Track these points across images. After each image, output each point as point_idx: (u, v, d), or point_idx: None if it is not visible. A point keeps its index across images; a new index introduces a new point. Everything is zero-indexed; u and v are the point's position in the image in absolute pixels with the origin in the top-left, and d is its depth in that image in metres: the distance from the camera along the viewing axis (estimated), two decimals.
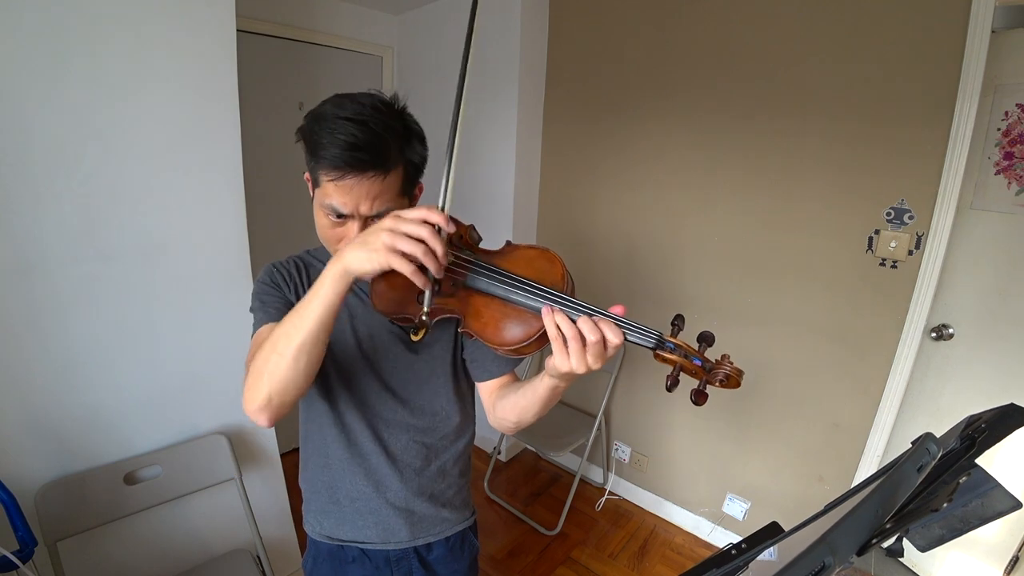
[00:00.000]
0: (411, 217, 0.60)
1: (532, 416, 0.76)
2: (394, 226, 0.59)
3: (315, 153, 0.68)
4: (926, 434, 0.42)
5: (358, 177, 0.67)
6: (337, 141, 0.65)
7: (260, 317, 0.78)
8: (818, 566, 0.32)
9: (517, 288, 0.66)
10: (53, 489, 1.16)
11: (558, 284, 0.66)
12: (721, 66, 1.80)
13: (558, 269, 0.68)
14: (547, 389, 0.69)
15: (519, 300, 0.65)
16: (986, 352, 1.56)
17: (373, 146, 0.67)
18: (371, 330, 0.82)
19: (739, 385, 0.59)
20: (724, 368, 0.58)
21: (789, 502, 1.88)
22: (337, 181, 0.67)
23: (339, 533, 0.88)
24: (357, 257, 0.60)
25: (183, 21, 1.23)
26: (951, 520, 0.49)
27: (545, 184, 2.40)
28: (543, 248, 0.71)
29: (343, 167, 0.66)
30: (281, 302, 0.79)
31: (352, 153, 0.66)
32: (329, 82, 2.33)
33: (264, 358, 0.65)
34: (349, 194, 0.68)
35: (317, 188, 0.71)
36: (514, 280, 0.67)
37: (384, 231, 0.59)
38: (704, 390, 0.60)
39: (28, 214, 1.09)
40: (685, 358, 0.60)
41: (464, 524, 0.96)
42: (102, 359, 1.24)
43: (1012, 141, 1.44)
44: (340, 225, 0.71)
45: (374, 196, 0.69)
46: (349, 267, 0.61)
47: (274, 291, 0.80)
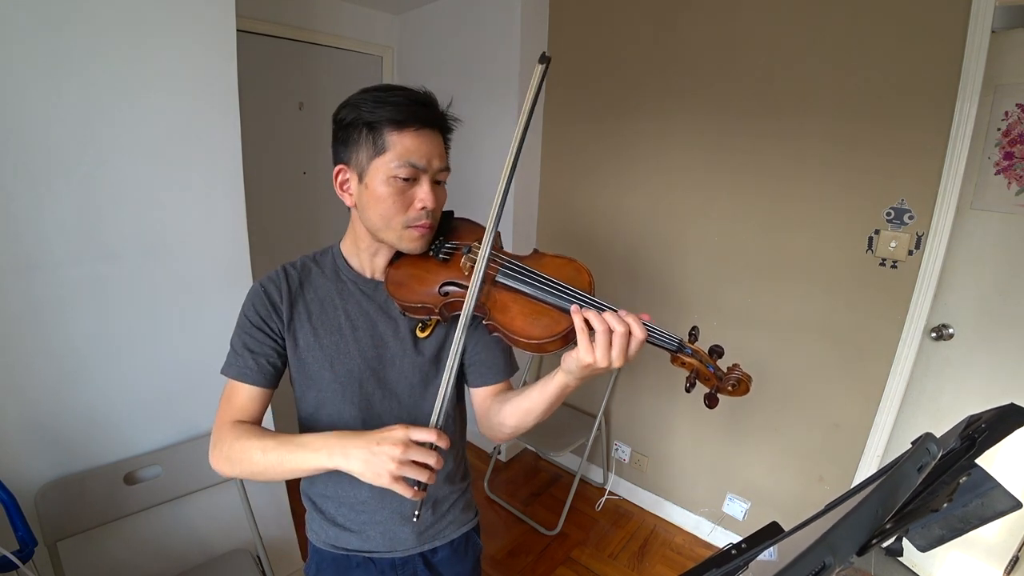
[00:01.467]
0: (422, 439, 0.62)
1: (534, 419, 0.76)
2: (403, 456, 0.61)
3: (377, 116, 0.70)
4: (926, 434, 0.42)
5: (429, 130, 0.73)
6: (403, 100, 0.70)
7: (231, 371, 0.78)
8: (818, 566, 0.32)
9: (546, 288, 0.69)
10: (53, 489, 1.16)
11: (586, 291, 0.70)
12: (721, 67, 1.80)
13: (585, 277, 0.72)
14: (558, 387, 0.69)
15: (547, 299, 0.69)
16: (986, 352, 1.56)
17: (434, 105, 0.74)
18: (375, 339, 0.82)
19: (749, 391, 0.64)
20: (735, 374, 0.64)
21: (789, 502, 1.88)
22: (415, 132, 0.71)
23: (344, 543, 0.87)
24: (360, 467, 0.62)
25: (183, 21, 1.23)
26: (951, 520, 0.49)
27: (545, 184, 2.40)
28: (571, 258, 0.76)
29: (416, 119, 0.71)
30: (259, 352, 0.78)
31: (422, 107, 0.72)
32: (329, 82, 2.32)
33: (239, 459, 0.71)
34: (425, 146, 0.72)
35: (381, 156, 0.72)
36: (544, 279, 0.70)
37: (394, 460, 0.60)
38: (716, 395, 0.65)
39: (28, 214, 1.09)
40: (701, 364, 0.65)
41: (468, 526, 0.96)
42: (102, 359, 1.24)
43: (1012, 141, 1.44)
44: (409, 188, 0.73)
45: (439, 152, 0.74)
46: (347, 467, 0.63)
47: (255, 334, 0.78)
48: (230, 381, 0.78)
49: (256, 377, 0.78)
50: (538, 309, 0.69)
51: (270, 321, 0.79)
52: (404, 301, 0.76)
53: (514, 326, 0.69)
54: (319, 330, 0.80)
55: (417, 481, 0.62)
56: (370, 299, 0.82)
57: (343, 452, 0.63)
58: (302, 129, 2.22)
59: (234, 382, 0.78)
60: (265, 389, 0.79)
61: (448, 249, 0.80)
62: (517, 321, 0.69)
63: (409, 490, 0.62)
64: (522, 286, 0.70)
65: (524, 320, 0.69)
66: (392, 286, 0.77)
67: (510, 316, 0.70)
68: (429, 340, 0.83)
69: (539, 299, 0.69)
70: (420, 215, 0.75)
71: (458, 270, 0.77)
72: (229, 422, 0.76)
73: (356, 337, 0.81)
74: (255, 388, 0.78)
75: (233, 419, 0.77)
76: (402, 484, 0.61)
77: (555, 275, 0.71)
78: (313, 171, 2.29)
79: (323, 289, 0.82)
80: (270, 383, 0.79)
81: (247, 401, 0.78)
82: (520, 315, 0.69)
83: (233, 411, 0.78)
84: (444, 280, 0.76)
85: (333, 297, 0.81)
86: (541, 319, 0.68)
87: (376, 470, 0.61)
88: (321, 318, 0.80)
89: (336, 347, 0.80)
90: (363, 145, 0.72)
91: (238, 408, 0.78)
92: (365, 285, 0.83)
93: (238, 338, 0.80)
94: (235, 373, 0.78)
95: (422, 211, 0.74)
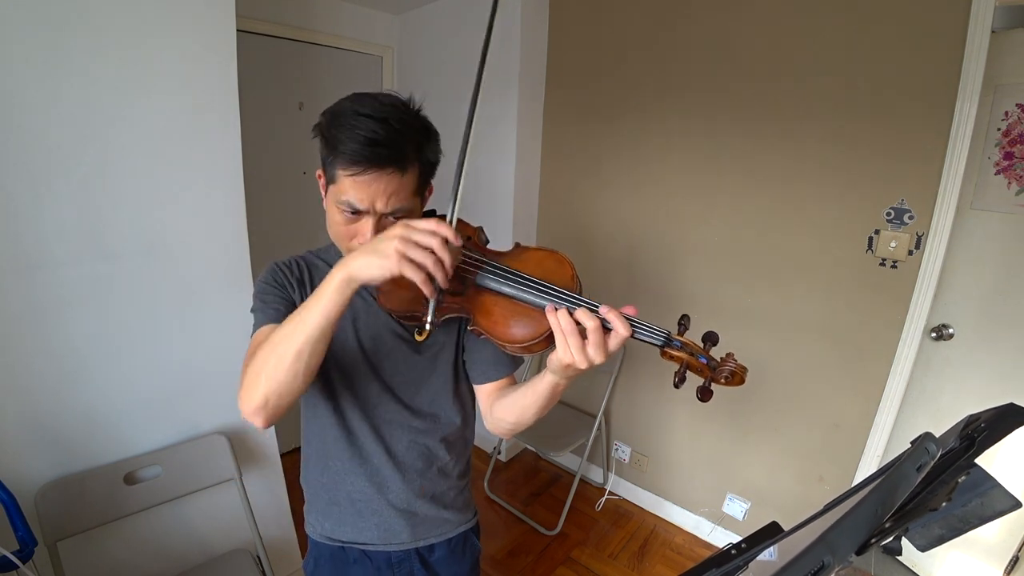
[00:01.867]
0: (422, 227, 0.60)
1: (531, 416, 0.76)
2: (406, 234, 0.59)
3: (334, 148, 0.68)
4: (925, 434, 0.42)
5: (377, 173, 0.67)
6: (357, 136, 0.66)
7: (260, 318, 0.77)
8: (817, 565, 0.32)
9: (526, 287, 0.67)
10: (53, 489, 1.16)
11: (568, 285, 0.67)
12: (722, 67, 1.80)
13: (567, 270, 0.69)
14: (548, 387, 0.69)
15: (528, 299, 0.66)
16: (986, 352, 1.56)
17: (393, 143, 0.67)
18: (374, 332, 0.82)
19: (743, 382, 0.60)
20: (729, 365, 0.60)
21: (789, 502, 1.88)
22: (356, 176, 0.67)
23: (340, 534, 0.88)
24: (367, 263, 0.60)
25: (183, 21, 1.23)
26: (950, 520, 0.49)
27: (545, 184, 2.40)
28: (552, 250, 0.72)
29: (362, 162, 0.66)
30: (283, 303, 0.78)
31: (372, 149, 0.66)
32: (329, 82, 2.33)
33: (263, 359, 0.65)
34: (367, 190, 0.68)
35: (332, 184, 0.71)
36: (524, 279, 0.67)
37: (396, 238, 0.59)
38: (710, 387, 0.61)
39: (28, 214, 1.09)
40: (692, 356, 0.61)
41: (466, 526, 0.96)
42: (102, 359, 1.24)
43: (1012, 141, 1.44)
44: (354, 222, 0.71)
45: (390, 193, 0.69)
46: (356, 274, 0.60)
47: (277, 291, 0.80)
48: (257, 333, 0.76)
49: (283, 319, 0.75)
50: (520, 310, 0.67)
51: (288, 286, 0.80)
52: (394, 311, 0.75)
53: (497, 330, 0.68)
54: None
55: (428, 274, 0.60)
56: (368, 292, 0.83)
57: (344, 265, 0.61)
58: (302, 129, 2.21)
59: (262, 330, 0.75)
60: None
61: None
62: (500, 325, 0.68)
63: (419, 274, 0.59)
64: (503, 287, 0.68)
65: (507, 323, 0.67)
66: (381, 296, 0.76)
67: (493, 320, 0.68)
68: (427, 341, 0.83)
69: (520, 299, 0.67)
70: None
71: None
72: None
73: (356, 328, 0.81)
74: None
75: None
76: (412, 267, 0.59)
77: (537, 269, 0.69)
78: (313, 171, 2.28)
79: None
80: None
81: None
82: (503, 318, 0.68)
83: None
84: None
85: None
86: (523, 320, 0.67)
87: (381, 256, 0.59)
88: None
89: (336, 339, 0.80)
90: (326, 162, 0.72)
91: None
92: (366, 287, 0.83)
93: (262, 297, 0.79)
94: (263, 318, 0.76)
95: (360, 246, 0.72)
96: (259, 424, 0.67)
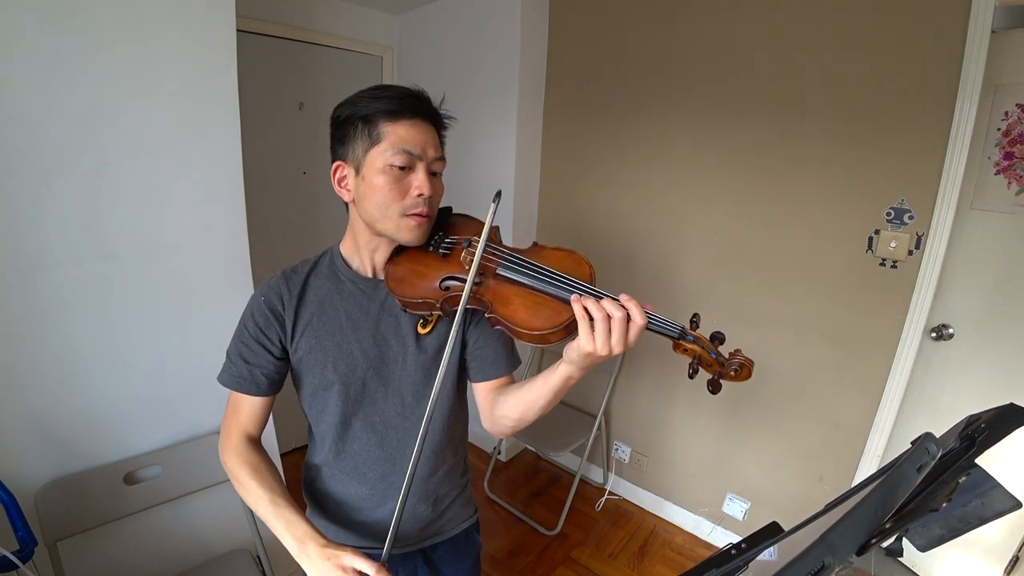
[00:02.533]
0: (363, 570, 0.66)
1: (536, 412, 0.76)
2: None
3: (372, 109, 0.73)
4: (926, 434, 0.42)
5: (422, 120, 0.74)
6: (398, 92, 0.73)
7: (232, 383, 0.81)
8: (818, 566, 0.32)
9: (548, 279, 0.70)
10: (53, 489, 1.16)
11: (587, 281, 0.71)
12: (721, 66, 1.80)
13: (585, 269, 0.73)
14: (561, 378, 0.70)
15: (548, 290, 0.69)
16: (986, 352, 1.56)
17: (428, 99, 0.76)
18: (377, 338, 0.82)
19: (751, 375, 0.64)
20: (737, 359, 0.65)
21: (789, 502, 1.88)
22: (407, 121, 0.73)
23: (344, 539, 0.88)
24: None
25: (183, 21, 1.23)
26: (951, 520, 0.49)
27: (545, 184, 2.40)
28: (571, 250, 0.76)
29: (409, 109, 0.73)
30: (256, 366, 0.80)
31: (415, 99, 0.74)
32: (329, 82, 2.32)
33: (239, 486, 0.80)
34: (420, 134, 0.74)
35: (376, 146, 0.73)
36: (545, 271, 0.70)
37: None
38: (719, 380, 0.65)
39: (28, 214, 1.09)
40: (704, 350, 0.65)
41: (468, 522, 0.96)
42: (102, 359, 1.24)
43: (1012, 141, 1.44)
44: (405, 176, 0.75)
45: (434, 142, 0.76)
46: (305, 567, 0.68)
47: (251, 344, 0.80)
48: (232, 396, 0.82)
49: (249, 387, 0.80)
50: (539, 301, 0.70)
51: (269, 331, 0.80)
52: (404, 297, 0.76)
53: (516, 318, 0.69)
54: (320, 331, 0.80)
55: None
56: (370, 298, 0.82)
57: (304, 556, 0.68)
58: (302, 129, 2.22)
59: (237, 400, 0.82)
60: (264, 398, 0.82)
61: (448, 244, 0.80)
62: (519, 313, 0.69)
63: None
64: (523, 278, 0.71)
65: (526, 312, 0.69)
66: (392, 282, 0.77)
67: (512, 308, 0.70)
68: (431, 337, 0.83)
69: (540, 291, 0.70)
70: (417, 202, 0.75)
71: (459, 264, 0.77)
72: (236, 435, 0.82)
73: (358, 336, 0.81)
74: (253, 398, 0.81)
75: (239, 426, 0.82)
76: None
77: (555, 267, 0.72)
78: (313, 171, 2.28)
79: (323, 290, 0.82)
80: (264, 392, 0.81)
81: (249, 410, 0.82)
82: (522, 307, 0.70)
83: (239, 418, 0.82)
84: (445, 275, 0.77)
85: (333, 298, 0.82)
86: (543, 310, 0.69)
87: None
88: (322, 319, 0.80)
89: (338, 347, 0.80)
90: (359, 138, 0.74)
91: (244, 416, 0.82)
92: (365, 285, 0.83)
93: (234, 347, 0.81)
94: (226, 380, 0.81)
95: (419, 198, 0.75)
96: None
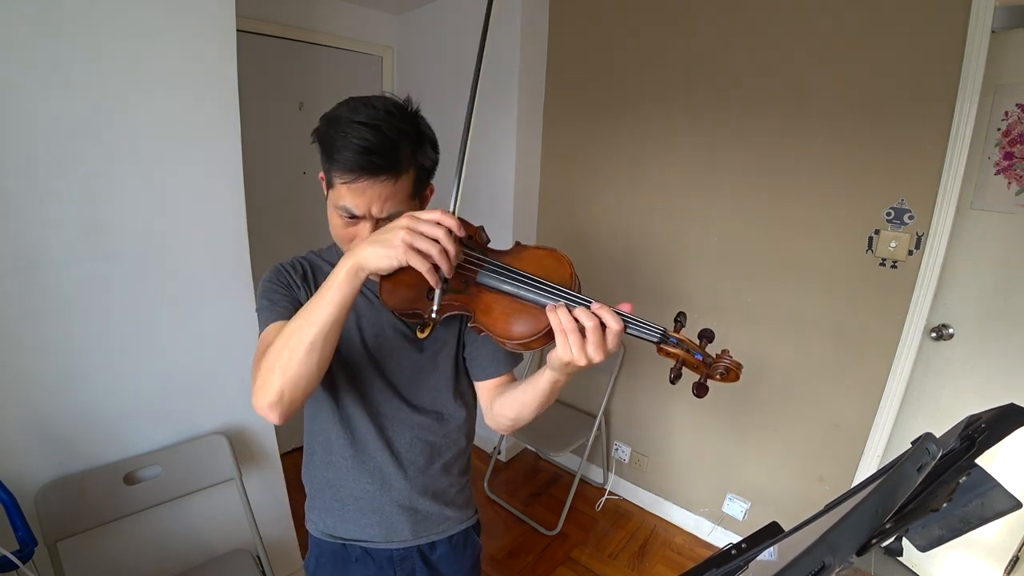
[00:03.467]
0: (427, 218, 0.62)
1: (531, 413, 0.76)
2: (411, 225, 0.61)
3: (330, 156, 0.70)
4: (926, 434, 0.42)
5: (370, 180, 0.69)
6: (351, 145, 0.67)
7: (267, 316, 0.78)
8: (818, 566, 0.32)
9: (526, 285, 0.68)
10: (53, 489, 1.16)
11: (567, 283, 0.68)
12: (721, 66, 1.80)
13: (566, 269, 0.70)
14: (547, 383, 0.70)
15: (528, 296, 0.68)
16: (986, 352, 1.56)
17: (386, 151, 0.68)
18: (376, 329, 0.83)
19: (738, 378, 0.62)
20: (724, 362, 0.61)
21: (789, 502, 1.88)
22: (350, 184, 0.69)
23: (342, 531, 0.89)
24: (374, 253, 0.61)
25: (183, 21, 1.23)
26: (951, 520, 0.49)
27: (545, 184, 2.40)
28: (552, 249, 0.74)
29: (356, 171, 0.68)
30: (290, 301, 0.79)
31: (366, 157, 0.67)
32: (329, 82, 2.33)
33: (276, 354, 0.65)
34: (362, 196, 0.70)
35: (331, 189, 0.73)
36: (523, 277, 0.69)
37: (402, 229, 0.60)
38: (705, 383, 0.63)
39: (28, 214, 1.09)
40: (687, 352, 0.62)
41: (467, 523, 0.96)
42: (102, 359, 1.24)
43: (1012, 141, 1.44)
44: (352, 225, 0.73)
45: (385, 198, 0.71)
46: (364, 263, 0.62)
47: (282, 290, 0.80)
48: (266, 331, 0.76)
49: (291, 316, 0.76)
50: (519, 308, 0.69)
51: (293, 287, 0.81)
52: (396, 308, 0.76)
53: (497, 328, 0.69)
54: None
55: (434, 264, 0.61)
56: (372, 291, 0.83)
57: (353, 254, 0.63)
58: (302, 129, 2.20)
59: (271, 328, 0.76)
60: None
61: None
62: (499, 322, 0.69)
63: (425, 263, 0.61)
64: (503, 285, 0.70)
65: (506, 320, 0.69)
66: (384, 294, 0.77)
67: (493, 318, 0.70)
68: (429, 339, 0.84)
69: (520, 297, 0.69)
70: None
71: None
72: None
73: (359, 325, 0.82)
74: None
75: None
76: (418, 257, 0.60)
77: (536, 268, 0.71)
78: (313, 171, 2.28)
79: None
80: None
81: None
82: (502, 316, 0.69)
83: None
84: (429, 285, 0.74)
85: None
86: (522, 318, 0.68)
87: (388, 246, 0.60)
88: None
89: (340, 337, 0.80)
90: (323, 165, 0.73)
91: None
92: (368, 281, 0.83)
93: (266, 298, 0.79)
94: (271, 316, 0.76)
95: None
96: (275, 420, 0.68)
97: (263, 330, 0.77)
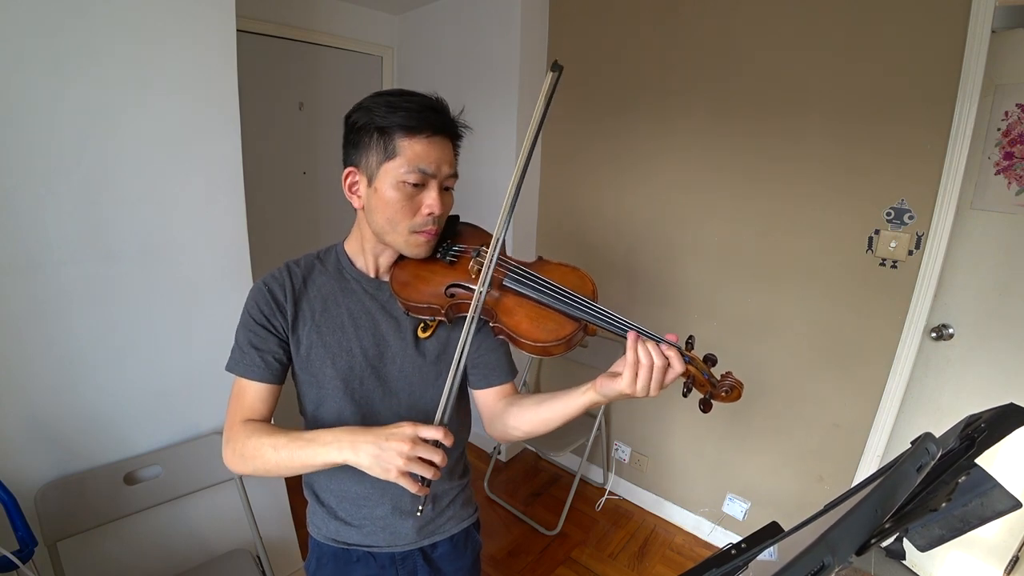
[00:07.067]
0: (429, 437, 0.64)
1: (549, 428, 0.77)
2: (411, 453, 0.62)
3: (389, 122, 0.71)
4: (925, 434, 0.42)
5: (439, 137, 0.73)
6: (416, 105, 0.71)
7: (238, 368, 0.79)
8: (817, 566, 0.32)
9: (553, 294, 0.71)
10: (53, 489, 1.16)
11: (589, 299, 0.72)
12: (721, 67, 1.80)
13: (588, 286, 0.74)
14: (585, 405, 0.72)
15: (553, 304, 0.71)
16: (986, 352, 1.56)
17: (446, 111, 0.75)
18: (377, 338, 0.82)
19: (740, 397, 0.67)
20: (728, 381, 0.67)
21: (789, 502, 1.88)
22: (425, 138, 0.72)
23: (345, 537, 0.88)
24: (370, 462, 0.63)
25: (183, 21, 1.23)
26: (950, 520, 0.49)
27: (545, 186, 2.40)
28: (575, 266, 0.78)
29: (426, 126, 0.71)
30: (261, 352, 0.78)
31: (434, 113, 0.72)
32: (329, 82, 2.32)
33: (253, 455, 0.71)
34: (436, 151, 0.73)
35: (390, 160, 0.72)
36: (551, 286, 0.72)
37: (402, 456, 0.62)
38: (711, 400, 0.68)
39: (29, 214, 1.09)
40: (698, 371, 0.67)
41: (468, 521, 0.97)
42: (102, 359, 1.24)
43: (1012, 141, 1.44)
44: (417, 193, 0.74)
45: (448, 159, 0.75)
46: (355, 461, 0.64)
47: (258, 331, 0.78)
48: (238, 379, 0.79)
49: (263, 374, 0.78)
50: (543, 314, 0.71)
51: (273, 319, 0.79)
52: (409, 301, 0.77)
53: (520, 329, 0.71)
54: (322, 327, 0.80)
55: (422, 476, 0.63)
56: (373, 298, 0.83)
57: (352, 447, 0.65)
58: (302, 129, 2.22)
59: (242, 380, 0.78)
60: (273, 385, 0.80)
61: (455, 252, 0.82)
62: (523, 324, 0.71)
63: (414, 485, 0.63)
64: (529, 291, 0.73)
65: (530, 324, 0.71)
66: (397, 285, 0.78)
67: (516, 319, 0.72)
68: (430, 341, 0.84)
69: (545, 304, 0.71)
70: (426, 220, 0.76)
71: (465, 273, 0.78)
72: (240, 420, 0.77)
73: (358, 335, 0.81)
74: (263, 385, 0.79)
75: (244, 417, 0.78)
76: (408, 479, 0.63)
77: (559, 283, 0.73)
78: (313, 171, 2.29)
79: (326, 287, 0.82)
80: (277, 379, 0.80)
81: (256, 398, 0.79)
82: (526, 319, 0.71)
83: (244, 409, 0.79)
84: (451, 282, 0.78)
85: (336, 294, 0.82)
86: (546, 323, 0.70)
87: (384, 465, 0.62)
88: (324, 315, 0.81)
89: (339, 344, 0.80)
90: (374, 149, 0.73)
91: (248, 406, 0.79)
92: (368, 284, 0.83)
93: (243, 335, 0.79)
94: (242, 370, 0.78)
95: (428, 216, 0.75)
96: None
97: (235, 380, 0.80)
